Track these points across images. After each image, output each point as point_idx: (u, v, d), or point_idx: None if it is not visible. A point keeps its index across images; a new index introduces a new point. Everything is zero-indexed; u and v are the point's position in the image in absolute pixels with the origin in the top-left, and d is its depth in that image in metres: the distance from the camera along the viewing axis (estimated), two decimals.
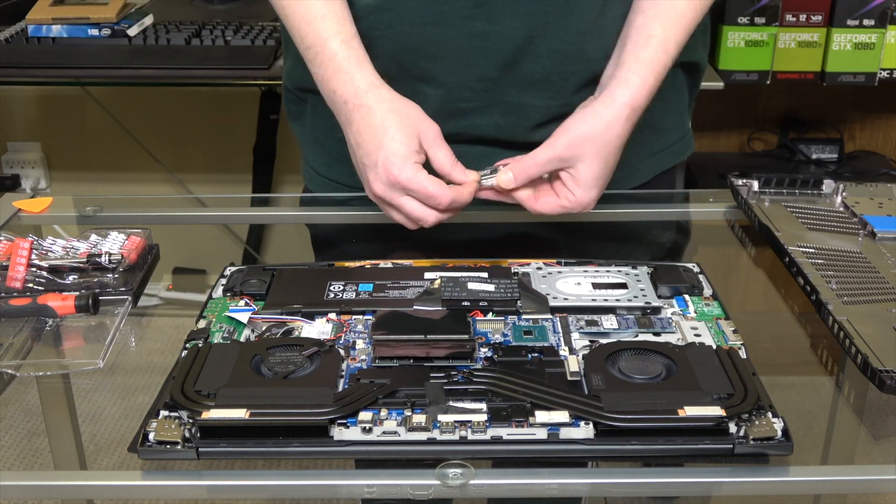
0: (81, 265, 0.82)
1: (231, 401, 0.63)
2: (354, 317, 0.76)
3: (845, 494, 0.79)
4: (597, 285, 0.80)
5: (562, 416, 0.62)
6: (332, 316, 0.76)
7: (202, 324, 0.76)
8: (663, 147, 1.01)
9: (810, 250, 0.83)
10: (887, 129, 2.09)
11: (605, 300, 0.78)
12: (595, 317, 0.76)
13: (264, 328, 0.75)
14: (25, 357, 0.75)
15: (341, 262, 0.86)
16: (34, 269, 0.81)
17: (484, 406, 0.63)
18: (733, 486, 0.63)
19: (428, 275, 0.81)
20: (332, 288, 0.80)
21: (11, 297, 0.78)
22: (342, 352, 0.71)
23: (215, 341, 0.73)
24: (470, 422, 0.62)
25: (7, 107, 2.19)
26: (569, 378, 0.67)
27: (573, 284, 0.80)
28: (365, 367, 0.69)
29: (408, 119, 0.83)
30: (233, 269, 0.84)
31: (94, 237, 0.86)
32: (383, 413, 0.63)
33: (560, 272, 0.83)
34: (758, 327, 0.80)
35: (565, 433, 0.62)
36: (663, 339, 0.73)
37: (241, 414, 0.61)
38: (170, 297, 1.13)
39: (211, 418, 0.61)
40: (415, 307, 0.76)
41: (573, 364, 0.68)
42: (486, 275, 0.81)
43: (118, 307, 0.79)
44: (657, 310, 0.77)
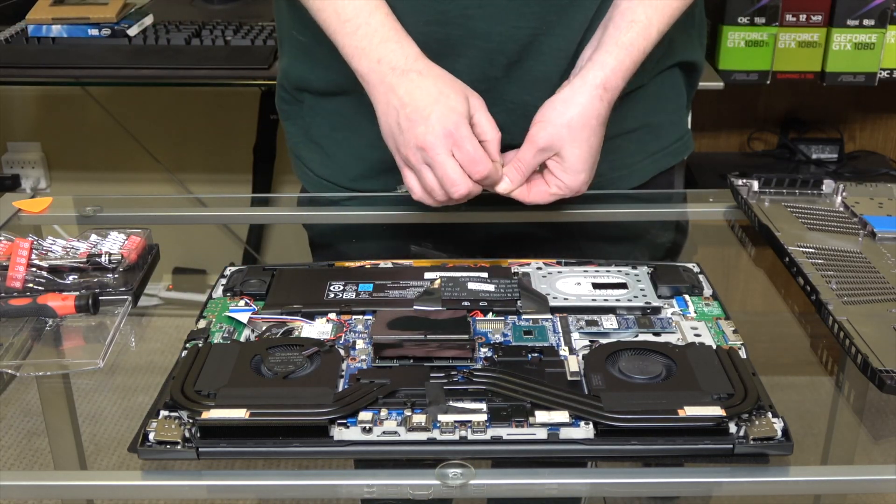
0: (81, 265, 0.82)
1: (231, 401, 0.63)
2: (354, 317, 0.76)
3: (845, 494, 0.79)
4: (597, 285, 0.80)
5: (562, 416, 0.62)
6: (332, 316, 0.76)
7: (202, 324, 0.76)
8: (662, 147, 1.01)
9: (810, 250, 0.83)
10: (887, 129, 2.09)
11: (605, 300, 0.78)
12: (595, 317, 0.76)
13: (264, 328, 0.75)
14: (25, 357, 0.75)
15: (341, 262, 0.86)
16: (34, 269, 0.81)
17: (484, 406, 0.63)
18: (733, 486, 0.63)
19: (428, 275, 0.81)
20: (332, 288, 0.80)
21: (11, 297, 0.78)
22: (342, 352, 0.71)
23: (215, 341, 0.73)
24: (470, 422, 0.62)
25: (7, 107, 2.19)
26: (569, 378, 0.67)
27: (573, 284, 0.80)
28: (365, 367, 0.69)
29: (460, 85, 0.85)
30: (233, 269, 0.84)
31: (94, 237, 0.86)
32: (383, 413, 0.63)
33: (560, 272, 0.83)
34: (758, 327, 0.80)
35: (565, 433, 0.62)
36: (663, 339, 0.73)
37: (241, 414, 0.61)
38: (170, 297, 1.13)
39: (211, 418, 0.61)
40: (415, 307, 0.76)
41: (573, 364, 0.68)
42: (486, 275, 0.81)
43: (118, 307, 0.79)
44: (657, 310, 0.77)
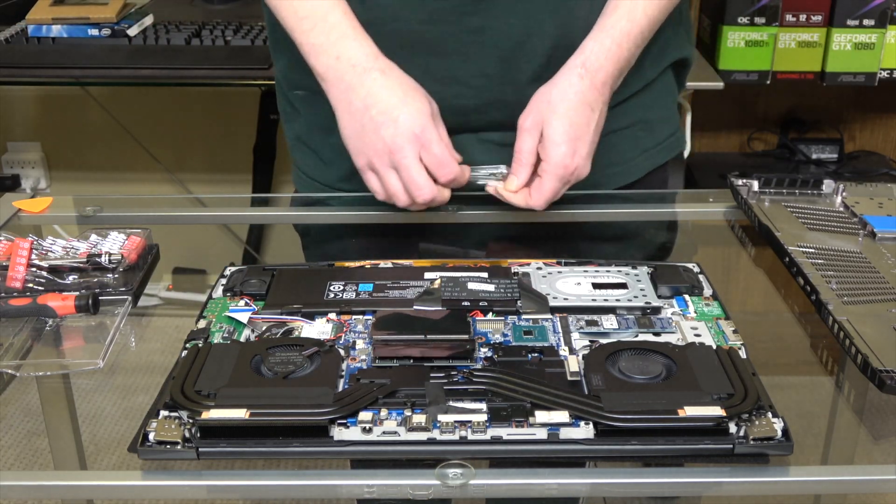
0: (81, 265, 0.82)
1: (231, 401, 0.63)
2: (354, 317, 0.76)
3: (845, 494, 0.79)
4: (597, 285, 0.80)
5: (562, 416, 0.62)
6: (332, 316, 0.76)
7: (202, 324, 0.76)
8: (656, 143, 1.01)
9: (810, 250, 0.83)
10: (887, 129, 2.09)
11: (605, 300, 0.78)
12: (595, 317, 0.76)
13: (264, 328, 0.75)
14: (25, 357, 0.75)
15: (341, 262, 0.86)
16: (34, 269, 0.81)
17: (484, 406, 0.63)
18: (733, 486, 0.63)
19: (428, 275, 0.81)
20: (332, 288, 0.80)
21: (11, 297, 0.78)
22: (342, 352, 0.70)
23: (215, 341, 0.73)
24: (470, 422, 0.62)
25: (7, 107, 2.19)
26: (569, 378, 0.67)
27: (573, 284, 0.80)
28: (365, 367, 0.69)
29: (421, 90, 0.86)
30: (233, 269, 0.84)
31: (94, 237, 0.86)
32: (383, 413, 0.63)
33: (560, 272, 0.83)
34: (758, 327, 0.80)
35: (565, 433, 0.62)
36: (663, 339, 0.73)
37: (241, 414, 0.61)
38: (170, 297, 1.13)
39: (211, 418, 0.61)
40: (415, 307, 0.76)
41: (573, 364, 0.68)
42: (486, 275, 0.81)
43: (118, 307, 0.79)
44: (657, 310, 0.77)
